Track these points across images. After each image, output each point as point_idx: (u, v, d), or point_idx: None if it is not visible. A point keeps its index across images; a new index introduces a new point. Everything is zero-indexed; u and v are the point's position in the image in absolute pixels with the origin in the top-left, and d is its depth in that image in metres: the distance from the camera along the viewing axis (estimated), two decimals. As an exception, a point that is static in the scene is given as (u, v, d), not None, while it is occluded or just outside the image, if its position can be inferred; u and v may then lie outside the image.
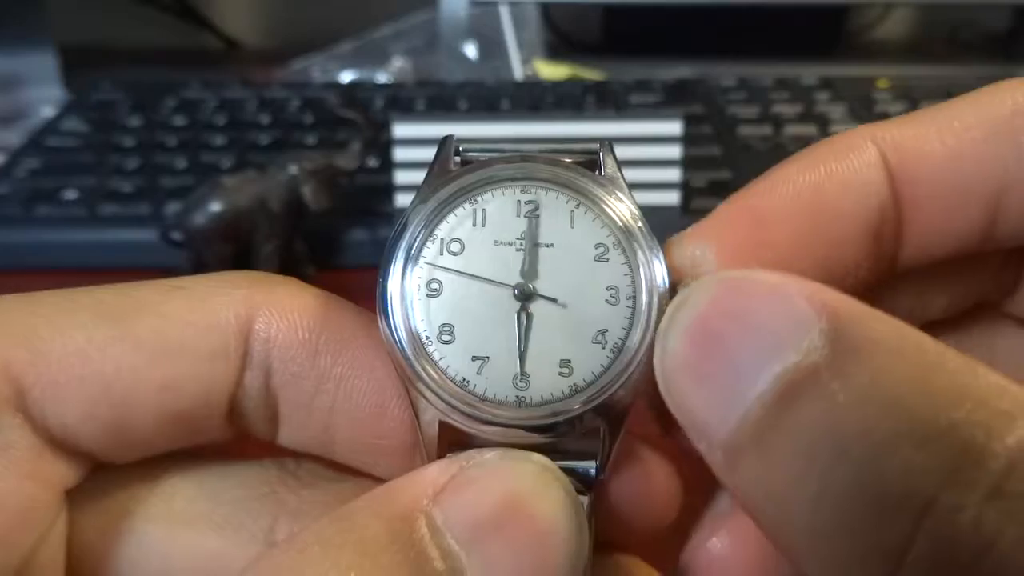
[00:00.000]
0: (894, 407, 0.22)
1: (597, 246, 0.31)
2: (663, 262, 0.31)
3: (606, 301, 0.31)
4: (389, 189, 0.80)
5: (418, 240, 0.31)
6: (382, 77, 1.26)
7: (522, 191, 0.32)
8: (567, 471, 0.29)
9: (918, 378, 0.22)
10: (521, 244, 0.31)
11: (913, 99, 1.00)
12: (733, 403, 0.24)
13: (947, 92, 1.02)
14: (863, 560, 0.21)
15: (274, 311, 0.32)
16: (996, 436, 0.20)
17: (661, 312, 0.30)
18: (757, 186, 0.32)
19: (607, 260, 0.31)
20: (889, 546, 0.21)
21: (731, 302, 0.26)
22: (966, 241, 0.32)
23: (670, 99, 1.05)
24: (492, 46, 1.28)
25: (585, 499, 0.31)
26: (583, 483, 0.31)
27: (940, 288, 0.36)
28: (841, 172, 0.32)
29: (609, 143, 0.33)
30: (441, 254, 0.31)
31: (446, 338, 0.30)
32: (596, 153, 0.33)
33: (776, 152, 0.92)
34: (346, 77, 1.26)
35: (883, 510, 0.21)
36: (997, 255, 0.34)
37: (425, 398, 0.30)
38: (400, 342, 0.30)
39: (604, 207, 0.31)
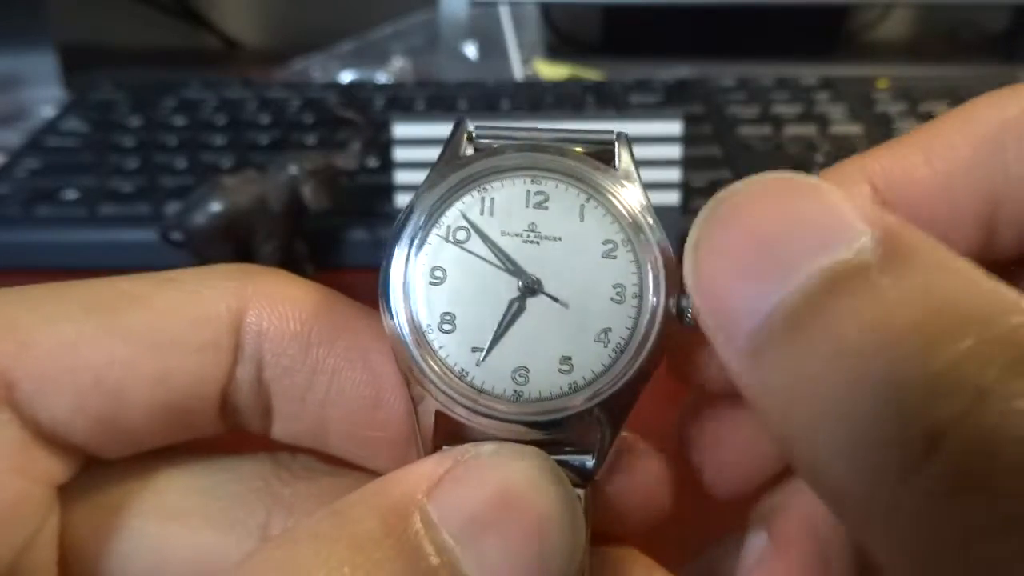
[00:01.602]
0: (946, 307, 0.21)
1: (605, 242, 0.30)
2: (673, 262, 0.30)
3: (611, 299, 0.30)
4: (389, 189, 0.80)
5: (423, 226, 0.31)
6: (382, 77, 1.26)
7: (532, 181, 0.31)
8: (563, 464, 0.29)
9: (970, 287, 0.22)
10: (528, 236, 0.30)
11: (913, 99, 1.00)
12: (770, 291, 0.24)
13: (947, 92, 1.02)
14: (902, 442, 0.21)
15: (266, 303, 0.32)
16: None
17: (668, 313, 0.30)
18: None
19: (615, 257, 0.30)
20: (933, 427, 0.20)
21: (781, 197, 0.25)
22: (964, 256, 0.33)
23: (670, 99, 1.05)
24: (492, 46, 1.28)
25: (581, 492, 0.30)
26: (579, 476, 0.31)
27: None
28: None
29: (626, 135, 0.32)
30: (446, 242, 0.31)
31: (447, 327, 0.30)
32: (611, 144, 0.32)
33: (776, 152, 0.92)
34: (346, 77, 1.26)
35: (929, 395, 0.20)
36: (998, 266, 0.34)
37: (423, 387, 0.30)
38: (401, 329, 0.30)
39: (615, 202, 0.31)
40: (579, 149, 0.32)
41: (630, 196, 0.31)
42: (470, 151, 0.32)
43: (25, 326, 0.30)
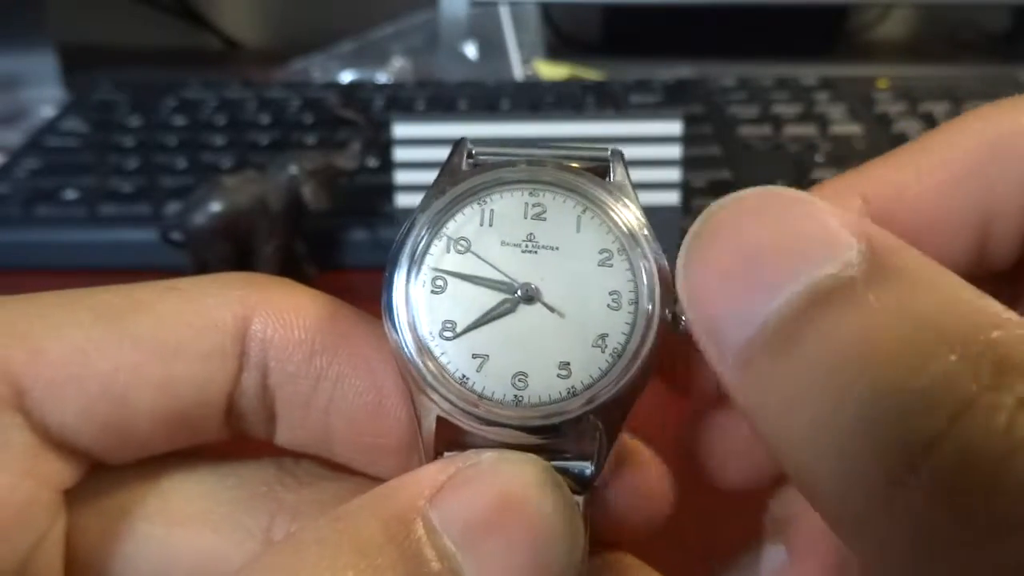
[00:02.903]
0: (931, 322, 0.22)
1: (602, 251, 0.31)
2: (667, 270, 0.31)
3: (608, 306, 0.31)
4: (389, 189, 0.80)
5: (425, 236, 0.31)
6: (382, 77, 1.26)
7: (530, 194, 0.32)
8: (563, 471, 0.30)
9: (954, 301, 0.22)
10: (527, 246, 0.31)
11: (913, 99, 1.00)
12: (759, 304, 0.24)
13: (947, 92, 1.02)
14: (888, 455, 0.21)
15: (271, 312, 0.33)
16: None
17: (662, 319, 0.30)
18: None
19: (611, 265, 0.31)
20: (919, 441, 0.21)
21: (770, 212, 0.26)
22: (957, 272, 0.33)
23: (670, 99, 1.05)
24: (492, 46, 1.28)
25: (580, 499, 0.31)
26: (579, 483, 0.31)
27: None
28: None
29: (620, 152, 0.33)
30: (447, 251, 0.31)
31: (448, 334, 0.31)
32: (606, 160, 0.33)
33: (776, 152, 0.92)
34: (346, 77, 1.26)
35: (915, 409, 0.21)
36: (994, 276, 0.35)
37: (425, 394, 0.30)
38: (403, 336, 0.30)
39: (611, 213, 0.32)
40: (575, 164, 0.33)
41: (625, 208, 0.32)
42: (470, 167, 0.33)
43: (37, 334, 0.30)
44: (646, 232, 0.31)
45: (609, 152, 0.33)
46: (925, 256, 0.24)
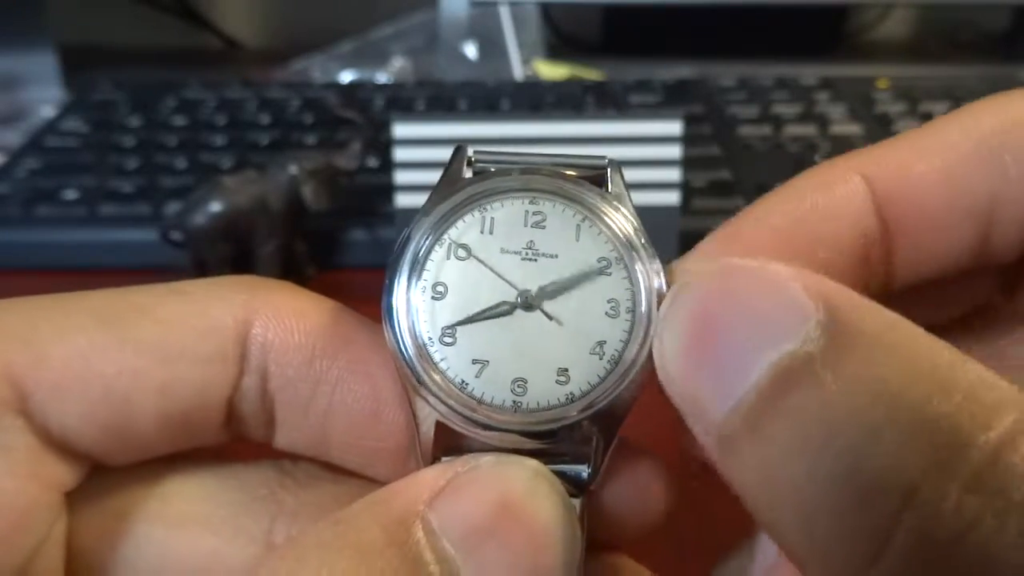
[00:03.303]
0: (882, 397, 0.22)
1: (600, 260, 0.32)
2: (663, 278, 0.31)
3: (606, 314, 0.31)
4: (389, 189, 0.80)
5: (426, 244, 0.32)
6: (382, 77, 1.26)
7: (530, 202, 0.32)
8: (560, 475, 0.30)
9: (908, 370, 0.23)
10: (526, 253, 0.32)
11: (913, 99, 1.00)
12: (729, 389, 0.25)
13: (947, 92, 1.02)
14: (849, 542, 0.22)
15: (271, 315, 0.33)
16: (981, 428, 0.21)
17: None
18: (742, 218, 0.33)
19: (609, 274, 0.32)
20: (873, 529, 0.21)
21: (731, 289, 0.26)
22: (960, 259, 0.33)
23: (670, 99, 1.05)
24: (492, 46, 1.28)
25: (578, 502, 0.31)
26: (575, 486, 0.31)
27: (940, 296, 0.36)
28: (825, 205, 0.32)
29: (618, 162, 0.33)
30: (448, 258, 0.32)
31: (448, 340, 0.31)
32: (604, 169, 0.33)
33: (776, 152, 0.92)
34: (346, 77, 1.26)
35: (868, 495, 0.21)
36: (996, 268, 0.35)
37: (424, 399, 0.31)
38: (402, 342, 0.31)
39: (609, 222, 0.32)
40: (573, 173, 0.33)
41: (622, 217, 0.32)
42: (470, 175, 0.33)
43: (39, 337, 0.30)
44: (643, 241, 0.32)
45: (607, 162, 0.33)
46: (884, 311, 0.24)
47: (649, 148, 0.78)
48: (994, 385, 0.22)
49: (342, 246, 0.82)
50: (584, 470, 0.31)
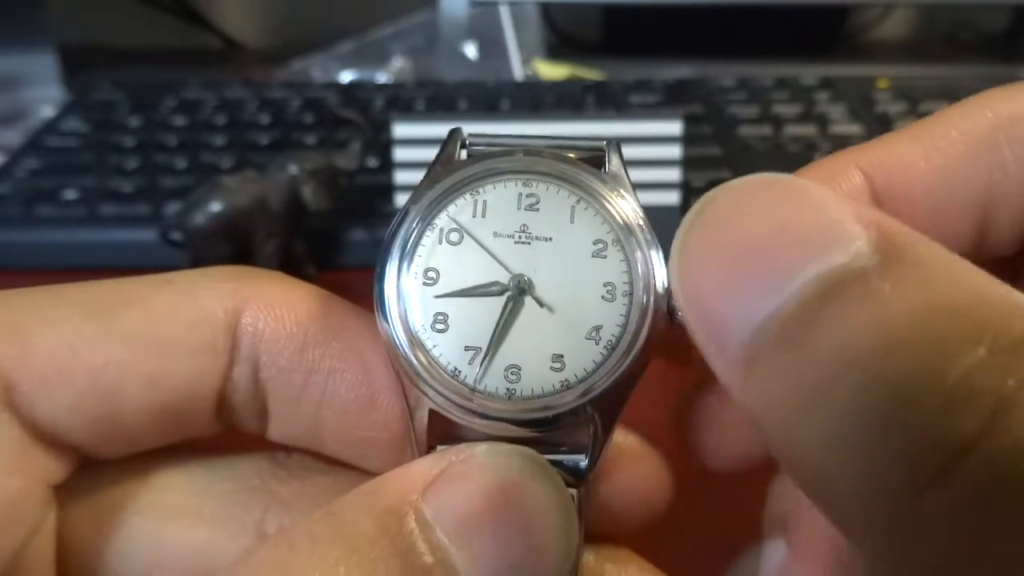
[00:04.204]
0: (954, 312, 0.21)
1: (596, 242, 0.31)
2: (662, 261, 0.30)
3: (602, 298, 0.30)
4: (389, 189, 0.80)
5: (417, 229, 0.31)
6: (382, 77, 1.26)
7: (523, 184, 0.32)
8: (557, 464, 0.29)
9: (977, 291, 0.21)
10: (520, 236, 0.31)
11: (913, 99, 1.00)
12: (763, 300, 0.23)
13: (947, 92, 1.02)
14: (917, 458, 0.20)
15: (262, 305, 0.33)
16: None
17: (658, 311, 0.30)
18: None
19: (605, 257, 0.31)
20: (954, 441, 0.20)
21: (769, 200, 0.24)
22: (959, 254, 0.33)
23: (670, 99, 1.05)
24: (492, 46, 1.28)
25: (575, 492, 0.31)
26: (573, 476, 0.31)
27: None
28: None
29: (616, 142, 0.32)
30: (439, 243, 0.31)
31: (440, 327, 0.30)
32: (602, 150, 0.32)
33: (776, 152, 0.92)
34: (346, 77, 1.26)
35: (947, 408, 0.20)
36: (994, 262, 0.34)
37: (417, 388, 0.30)
38: (394, 329, 0.30)
39: (605, 203, 0.31)
40: (571, 154, 0.32)
41: (620, 198, 0.31)
42: (464, 157, 0.33)
43: (26, 329, 0.30)
44: (641, 222, 0.31)
45: (605, 142, 0.32)
46: (937, 244, 0.23)
47: (649, 148, 0.78)
48: None
49: (342, 246, 0.82)
50: (582, 459, 0.31)
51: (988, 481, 0.19)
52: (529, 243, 0.31)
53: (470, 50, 1.28)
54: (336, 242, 0.82)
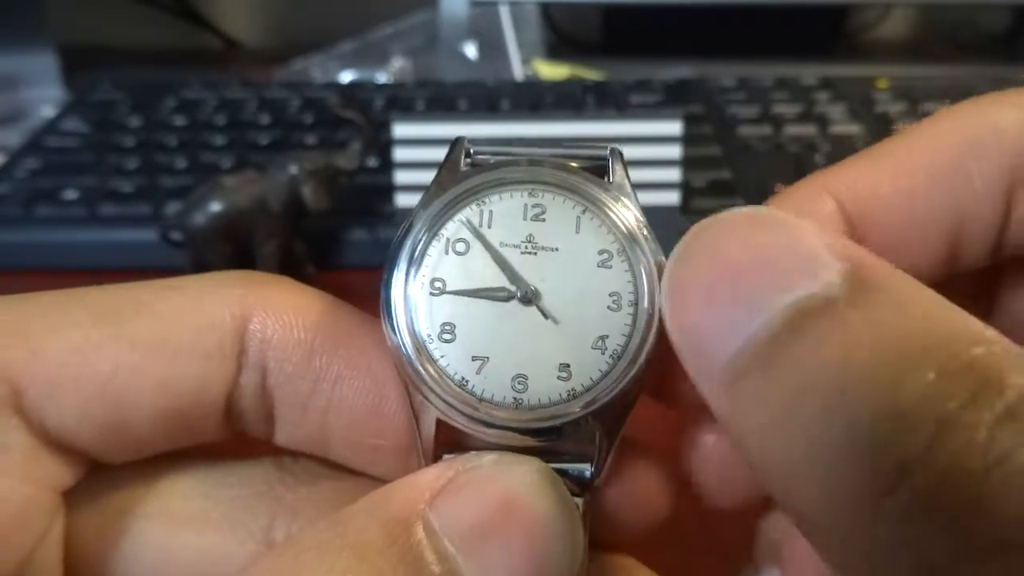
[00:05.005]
0: (911, 339, 0.22)
1: (601, 252, 0.31)
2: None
3: (608, 307, 0.31)
4: (389, 189, 0.80)
5: (424, 239, 0.31)
6: (382, 77, 1.26)
7: (529, 194, 0.32)
8: (562, 473, 0.30)
9: (935, 318, 0.23)
10: (526, 247, 0.31)
11: (913, 99, 1.00)
12: (741, 324, 0.24)
13: (947, 92, 1.02)
14: (872, 473, 0.22)
15: (270, 311, 0.33)
16: (1013, 371, 0.21)
17: (663, 321, 0.30)
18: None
19: (610, 267, 0.31)
20: (903, 458, 0.21)
21: (749, 231, 0.26)
22: (930, 273, 0.33)
23: (670, 99, 1.05)
24: (492, 46, 1.28)
25: (580, 501, 0.31)
26: (578, 485, 0.31)
27: None
28: None
29: (619, 151, 0.33)
30: (446, 253, 0.31)
31: (447, 337, 0.30)
32: (605, 160, 0.33)
33: (776, 152, 0.92)
34: (346, 77, 1.26)
35: (896, 428, 0.21)
36: (968, 281, 0.35)
37: (424, 397, 0.30)
38: (402, 339, 0.30)
39: (610, 214, 0.31)
40: (574, 164, 0.32)
41: (624, 208, 0.32)
42: (468, 167, 0.33)
43: (35, 334, 0.30)
44: (645, 232, 0.31)
45: (608, 151, 0.33)
46: (906, 275, 0.24)
47: (649, 148, 0.78)
48: (1011, 343, 0.22)
49: (342, 246, 0.82)
50: (587, 469, 0.31)
51: (928, 496, 0.21)
52: (535, 253, 0.31)
53: (470, 50, 1.28)
54: (336, 242, 0.82)
